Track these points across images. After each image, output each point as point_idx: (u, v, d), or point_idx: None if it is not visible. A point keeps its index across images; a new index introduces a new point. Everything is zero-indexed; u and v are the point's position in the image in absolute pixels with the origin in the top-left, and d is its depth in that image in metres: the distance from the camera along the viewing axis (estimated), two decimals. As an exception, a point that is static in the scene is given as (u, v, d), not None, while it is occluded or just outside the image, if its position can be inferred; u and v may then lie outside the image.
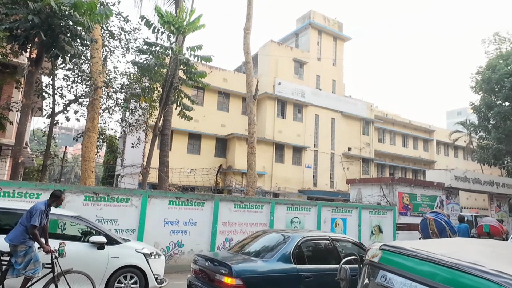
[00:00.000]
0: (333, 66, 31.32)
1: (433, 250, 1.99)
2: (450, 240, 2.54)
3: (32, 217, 5.05)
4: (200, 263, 5.70)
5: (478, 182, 17.80)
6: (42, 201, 5.39)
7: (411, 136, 38.18)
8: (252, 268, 5.13)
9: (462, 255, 1.88)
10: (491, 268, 1.67)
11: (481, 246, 2.19)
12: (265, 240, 6.21)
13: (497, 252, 2.01)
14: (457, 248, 2.10)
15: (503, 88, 21.43)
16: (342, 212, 13.12)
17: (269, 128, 26.61)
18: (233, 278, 4.79)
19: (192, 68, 9.71)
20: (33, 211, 5.11)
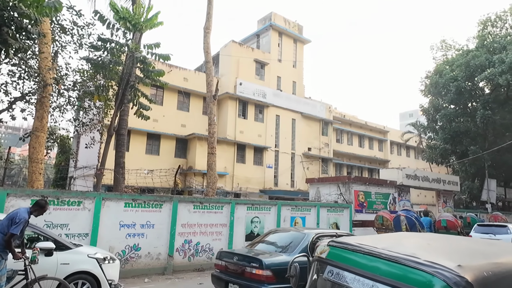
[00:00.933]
0: (294, 68, 31.91)
1: (375, 245, 2.08)
2: (392, 234, 2.68)
3: (15, 225, 4.78)
4: (227, 259, 6.35)
5: (427, 180, 18.95)
6: (24, 208, 5.10)
7: (367, 137, 39.85)
8: (279, 261, 5.77)
9: (401, 249, 1.98)
10: (425, 260, 1.78)
11: (419, 239, 2.33)
12: (282, 237, 7.04)
13: (433, 244, 2.15)
14: (397, 242, 2.22)
15: (448, 92, 23.01)
16: (301, 211, 13.40)
17: (230, 128, 26.56)
18: (264, 270, 5.53)
19: (150, 66, 9.43)
20: (16, 219, 4.83)
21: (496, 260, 1.92)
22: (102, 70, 9.52)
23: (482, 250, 2.15)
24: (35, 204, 5.24)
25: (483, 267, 1.77)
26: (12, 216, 4.90)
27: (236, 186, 26.05)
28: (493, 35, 23.62)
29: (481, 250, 2.15)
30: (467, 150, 23.16)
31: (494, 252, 2.15)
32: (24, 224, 4.94)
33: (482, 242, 2.43)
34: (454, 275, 1.63)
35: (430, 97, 25.35)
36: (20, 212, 4.96)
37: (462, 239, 2.52)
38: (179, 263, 10.10)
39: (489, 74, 20.06)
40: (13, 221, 4.83)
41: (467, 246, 2.22)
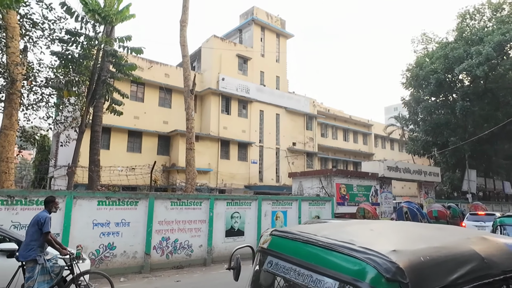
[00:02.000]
0: (277, 63, 31.78)
1: (317, 232, 1.97)
2: (336, 222, 2.57)
3: (44, 225, 5.19)
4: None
5: (408, 171, 19.13)
6: (42, 212, 5.44)
7: (351, 131, 40.12)
8: None
9: (341, 235, 1.87)
10: (360, 246, 1.67)
11: (365, 225, 2.22)
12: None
13: (377, 230, 2.05)
14: (340, 229, 2.11)
15: (429, 84, 23.25)
16: (282, 205, 13.33)
17: (213, 124, 26.31)
18: None
19: (121, 60, 9.15)
20: (41, 220, 5.21)
21: (438, 244, 1.83)
22: (71, 65, 9.18)
23: (427, 235, 2.06)
24: (46, 203, 5.55)
25: (421, 251, 1.67)
26: (37, 220, 5.24)
27: (220, 183, 25.86)
28: (471, 28, 23.95)
29: (426, 235, 2.06)
30: (447, 142, 23.50)
31: (440, 236, 2.06)
32: (50, 221, 5.35)
33: (433, 228, 2.35)
34: (386, 260, 1.52)
35: (411, 89, 25.61)
36: (40, 214, 5.34)
37: (414, 225, 2.43)
38: (156, 261, 9.91)
39: (467, 65, 20.33)
40: (39, 222, 5.19)
41: (413, 231, 2.13)
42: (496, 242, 2.08)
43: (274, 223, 12.94)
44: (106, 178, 17.87)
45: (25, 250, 5.14)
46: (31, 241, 5.16)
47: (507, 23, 20.95)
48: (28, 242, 5.17)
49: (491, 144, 27.85)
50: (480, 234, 2.20)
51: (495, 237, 2.22)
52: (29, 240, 5.18)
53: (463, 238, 2.01)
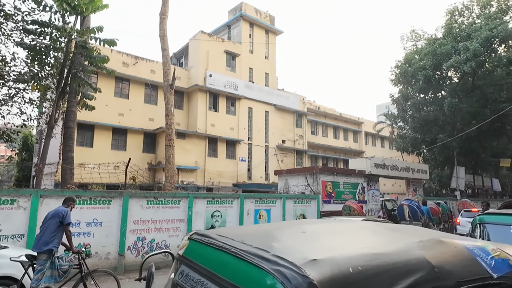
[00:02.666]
0: (266, 59, 31.42)
1: (236, 236, 1.61)
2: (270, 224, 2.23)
3: (66, 217, 5.41)
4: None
5: (395, 168, 18.94)
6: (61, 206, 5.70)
7: (341, 128, 39.96)
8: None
9: (261, 240, 1.52)
10: (275, 253, 1.32)
11: (299, 226, 1.87)
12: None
13: (310, 232, 1.70)
14: (267, 231, 1.76)
15: (417, 81, 23.09)
16: (266, 203, 13.00)
17: (201, 121, 25.87)
18: None
19: (91, 52, 8.71)
20: (61, 213, 5.42)
21: (379, 250, 1.49)
22: (39, 57, 8.71)
23: (370, 239, 1.72)
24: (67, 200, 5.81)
25: (352, 260, 1.33)
26: (57, 212, 5.46)
27: (208, 181, 25.47)
28: (459, 24, 23.82)
29: (369, 238, 1.72)
30: (436, 139, 23.38)
31: (386, 239, 1.73)
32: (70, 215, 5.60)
33: (384, 228, 2.00)
34: (297, 274, 1.18)
35: (400, 86, 25.44)
36: (60, 208, 5.58)
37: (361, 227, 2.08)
38: (131, 262, 9.50)
39: (454, 61, 20.17)
40: (60, 215, 5.39)
41: (356, 234, 1.79)
42: (454, 245, 1.75)
43: (257, 222, 12.61)
44: (86, 175, 17.39)
45: (42, 241, 5.25)
46: (49, 233, 5.29)
47: (494, 19, 20.86)
48: (46, 234, 5.30)
49: (479, 141, 27.86)
50: (438, 236, 1.87)
51: (456, 239, 1.89)
52: (48, 232, 5.31)
53: (414, 241, 1.67)
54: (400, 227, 2.13)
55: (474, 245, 1.82)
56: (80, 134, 21.59)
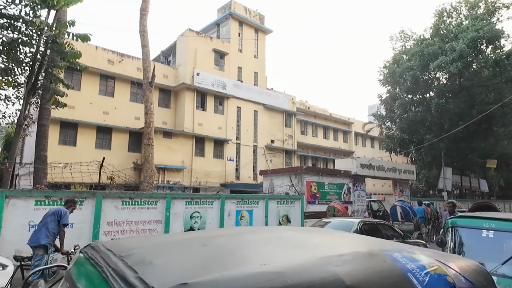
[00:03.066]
0: (255, 58, 31.19)
1: (124, 249, 1.37)
2: (191, 233, 1.98)
3: (64, 217, 5.59)
4: None
5: (382, 169, 18.84)
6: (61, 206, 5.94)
7: (331, 128, 39.91)
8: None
9: (142, 255, 1.28)
10: (140, 275, 1.08)
11: (202, 239, 1.62)
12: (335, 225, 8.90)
13: (211, 246, 1.45)
14: (163, 242, 1.52)
15: (405, 81, 23.06)
16: (248, 204, 12.75)
17: (188, 120, 25.54)
18: None
19: (62, 47, 8.39)
20: (61, 213, 5.61)
21: (281, 269, 1.25)
22: (6, 51, 8.35)
23: (278, 254, 1.47)
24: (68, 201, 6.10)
25: (235, 284, 1.09)
26: (57, 211, 5.61)
27: (195, 181, 25.16)
28: (446, 25, 23.85)
29: (276, 253, 1.48)
30: (423, 139, 23.38)
31: (298, 252, 1.49)
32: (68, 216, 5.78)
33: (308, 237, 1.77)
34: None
35: (388, 87, 25.42)
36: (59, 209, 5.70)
37: (281, 237, 1.82)
38: (104, 265, 9.18)
39: (440, 62, 20.16)
40: (59, 214, 5.54)
41: (264, 246, 1.55)
42: (384, 259, 1.53)
43: (239, 223, 12.36)
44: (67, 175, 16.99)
45: (38, 236, 5.41)
46: (46, 229, 5.47)
47: (481, 20, 20.91)
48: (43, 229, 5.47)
49: (467, 142, 27.95)
50: (369, 248, 1.64)
51: (391, 251, 1.66)
52: (45, 228, 5.48)
53: (333, 255, 1.44)
54: (330, 236, 1.91)
55: (408, 258, 1.60)
56: (62, 132, 21.14)
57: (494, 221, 4.47)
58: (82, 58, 22.29)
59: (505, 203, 33.71)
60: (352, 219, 9.59)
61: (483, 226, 4.51)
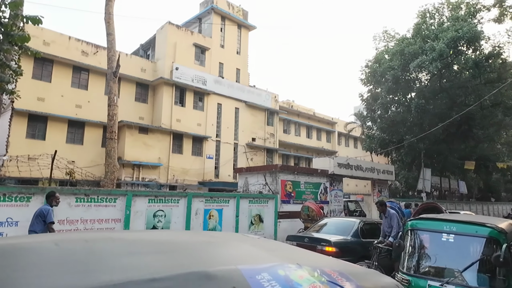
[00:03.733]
0: (238, 55, 30.63)
1: None
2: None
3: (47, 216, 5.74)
4: (297, 241, 8.34)
5: (360, 169, 18.55)
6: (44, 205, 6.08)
7: (315, 128, 39.68)
8: (341, 241, 8.10)
9: None
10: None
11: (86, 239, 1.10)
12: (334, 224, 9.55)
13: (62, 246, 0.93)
14: None
15: (386, 80, 22.85)
16: (217, 203, 12.21)
17: (166, 116, 24.81)
18: (333, 247, 7.68)
19: (8, 28, 7.69)
20: (44, 213, 5.73)
21: None
22: None
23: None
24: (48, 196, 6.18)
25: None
26: (39, 212, 5.73)
27: (171, 178, 24.47)
28: (428, 25, 23.74)
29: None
30: (403, 140, 23.26)
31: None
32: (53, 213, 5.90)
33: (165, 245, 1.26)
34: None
35: (370, 86, 25.22)
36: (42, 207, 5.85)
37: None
38: (54, 266, 8.50)
39: (420, 61, 20.01)
40: (41, 215, 5.67)
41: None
42: (237, 279, 1.02)
43: (207, 223, 11.82)
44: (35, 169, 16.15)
45: None
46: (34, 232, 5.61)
47: (462, 20, 20.85)
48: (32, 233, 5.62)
49: (447, 143, 28.04)
50: (221, 265, 1.13)
51: (258, 271, 1.15)
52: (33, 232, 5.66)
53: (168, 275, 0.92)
54: (198, 245, 1.39)
55: (280, 281, 1.10)
56: (30, 125, 20.18)
57: (455, 224, 4.06)
58: (53, 49, 21.40)
59: (483, 205, 34.09)
60: (352, 219, 10.25)
61: (444, 229, 4.09)
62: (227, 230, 12.29)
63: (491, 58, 21.12)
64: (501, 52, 21.32)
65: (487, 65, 20.59)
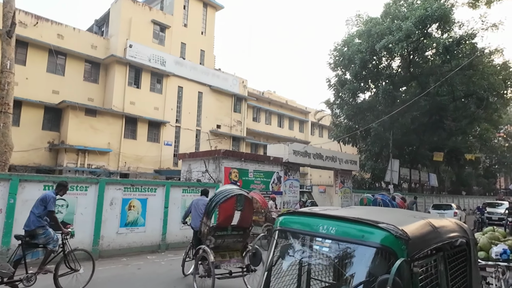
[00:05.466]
0: (203, 35, 28.65)
1: None
2: None
3: (48, 204, 5.80)
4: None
5: (319, 157, 17.17)
6: (50, 191, 6.24)
7: (287, 117, 38.23)
8: None
9: None
10: None
11: None
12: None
13: None
14: None
15: (354, 65, 21.44)
16: (140, 191, 10.52)
17: (118, 98, 22.74)
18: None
19: None
20: (46, 199, 5.82)
21: None
22: None
23: None
24: (58, 185, 6.28)
25: None
26: (42, 198, 5.85)
27: (123, 165, 22.52)
28: (398, 5, 22.33)
29: None
30: (370, 128, 22.02)
31: None
32: (55, 202, 6.00)
33: None
34: None
35: (338, 70, 23.79)
36: (47, 194, 5.96)
37: None
38: None
39: (386, 42, 18.63)
40: (44, 201, 5.80)
41: None
42: None
43: (126, 214, 10.12)
44: None
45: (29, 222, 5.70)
46: (33, 213, 5.72)
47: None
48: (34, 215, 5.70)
49: (417, 134, 27.06)
50: None
51: None
52: (32, 213, 5.73)
53: None
54: None
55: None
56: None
57: (336, 223, 2.52)
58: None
59: (454, 198, 33.57)
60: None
61: (319, 231, 2.55)
62: (152, 223, 10.65)
63: (462, 43, 19.93)
64: (472, 36, 20.10)
65: (458, 49, 19.42)
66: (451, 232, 2.95)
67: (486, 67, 21.99)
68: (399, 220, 2.57)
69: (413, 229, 2.48)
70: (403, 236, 2.28)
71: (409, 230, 2.38)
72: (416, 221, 2.70)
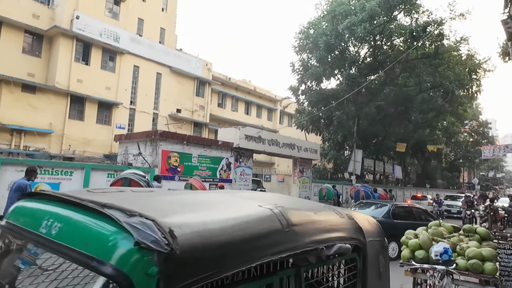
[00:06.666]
0: (163, 12, 26.77)
1: None
2: None
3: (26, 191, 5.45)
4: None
5: (275, 144, 16.04)
6: (21, 179, 6.26)
7: (255, 104, 36.98)
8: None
9: None
10: None
11: None
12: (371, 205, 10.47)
13: None
14: None
15: (318, 48, 20.36)
16: (51, 175, 8.98)
17: (62, 74, 20.66)
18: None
19: None
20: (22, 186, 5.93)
21: None
22: None
23: None
24: (28, 172, 6.39)
25: None
26: (18, 186, 5.98)
27: (67, 149, 20.60)
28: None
29: None
30: (333, 116, 21.16)
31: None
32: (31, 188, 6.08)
33: None
34: None
35: (303, 54, 22.68)
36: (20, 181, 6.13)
37: None
38: None
39: (349, 22, 17.62)
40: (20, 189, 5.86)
41: None
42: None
43: (30, 201, 8.54)
44: None
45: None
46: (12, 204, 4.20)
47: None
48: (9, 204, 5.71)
49: (383, 125, 26.51)
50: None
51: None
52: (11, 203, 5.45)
53: None
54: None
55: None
56: None
57: (73, 211, 1.26)
58: None
59: (417, 190, 33.59)
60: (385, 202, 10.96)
61: (39, 231, 1.28)
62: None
63: (428, 30, 19.22)
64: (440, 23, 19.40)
65: (424, 35, 18.72)
66: (326, 232, 1.75)
67: (452, 56, 21.52)
68: (199, 211, 1.35)
69: (213, 228, 1.25)
70: (156, 245, 1.05)
71: (191, 229, 1.15)
72: (251, 211, 1.49)
